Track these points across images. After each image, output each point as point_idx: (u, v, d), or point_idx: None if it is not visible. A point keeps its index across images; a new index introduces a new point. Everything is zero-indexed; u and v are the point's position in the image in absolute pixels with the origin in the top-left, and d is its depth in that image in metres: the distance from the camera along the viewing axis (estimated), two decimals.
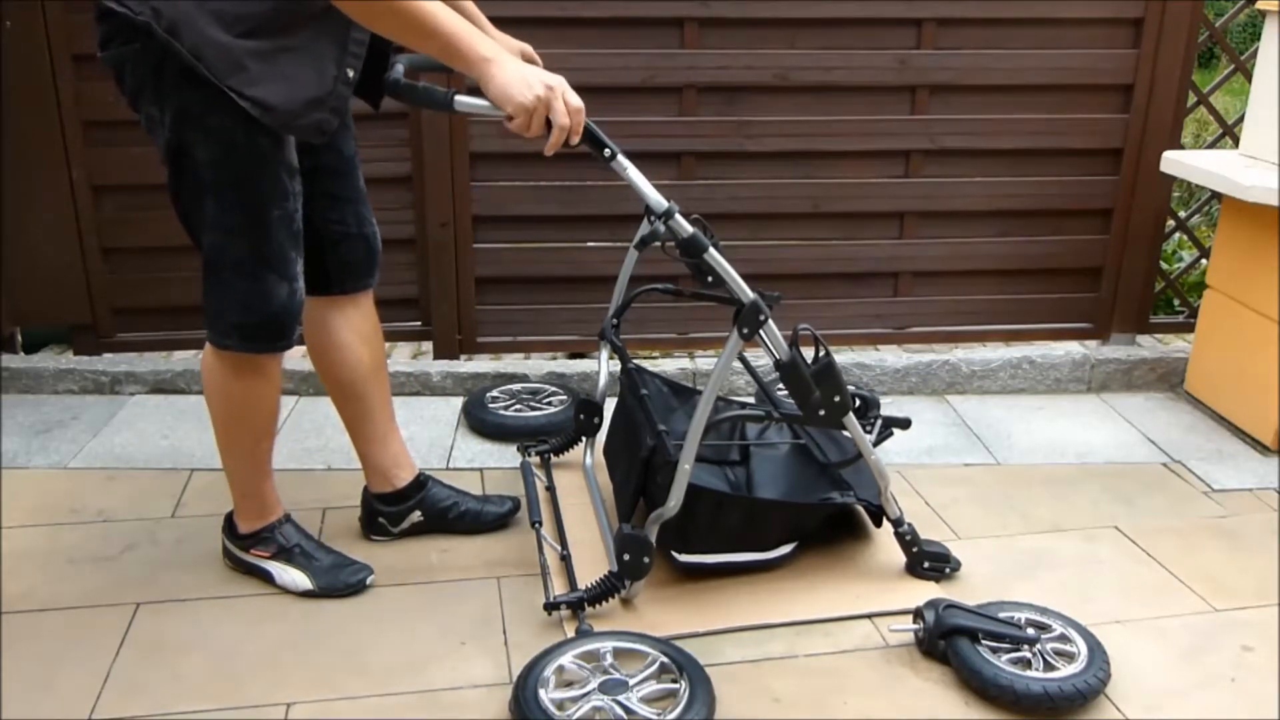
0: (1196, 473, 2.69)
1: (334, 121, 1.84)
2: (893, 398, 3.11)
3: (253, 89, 1.72)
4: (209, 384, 2.00)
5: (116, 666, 1.90)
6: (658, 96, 3.05)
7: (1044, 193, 3.24)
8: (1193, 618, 2.11)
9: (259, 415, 2.02)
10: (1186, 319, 3.40)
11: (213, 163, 1.79)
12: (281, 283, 1.88)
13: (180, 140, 1.78)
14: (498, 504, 2.36)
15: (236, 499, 2.13)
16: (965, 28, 3.07)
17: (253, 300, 1.87)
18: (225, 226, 1.83)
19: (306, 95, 1.78)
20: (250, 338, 1.91)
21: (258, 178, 1.81)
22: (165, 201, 2.96)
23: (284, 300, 1.89)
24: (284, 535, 2.13)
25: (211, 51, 1.69)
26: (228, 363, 1.95)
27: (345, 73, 1.82)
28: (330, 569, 2.11)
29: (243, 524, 2.13)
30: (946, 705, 1.85)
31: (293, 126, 1.79)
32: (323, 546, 2.16)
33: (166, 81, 1.74)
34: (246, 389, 1.98)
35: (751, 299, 1.90)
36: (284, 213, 1.85)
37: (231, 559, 2.17)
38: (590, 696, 1.75)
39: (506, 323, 3.21)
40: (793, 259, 3.22)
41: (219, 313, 1.90)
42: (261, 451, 2.08)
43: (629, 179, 1.90)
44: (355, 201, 2.07)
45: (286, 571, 2.10)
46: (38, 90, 2.88)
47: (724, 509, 2.12)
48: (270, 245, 1.85)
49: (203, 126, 1.76)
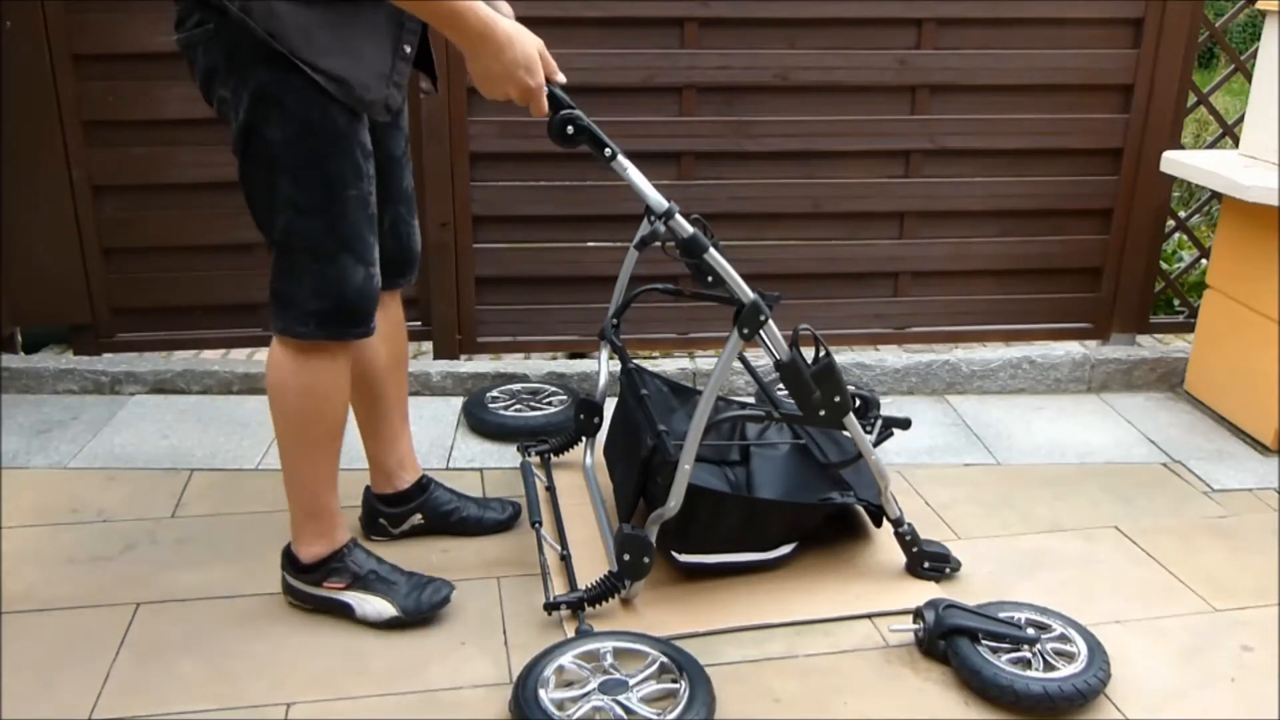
0: (1196, 473, 2.69)
1: (398, 98, 1.83)
2: (893, 398, 3.11)
3: (326, 61, 1.69)
4: (276, 381, 1.88)
5: (116, 666, 1.90)
6: (658, 96, 3.05)
7: (1044, 193, 3.24)
8: (1193, 618, 2.11)
9: (331, 411, 1.91)
10: (1186, 319, 3.40)
11: (287, 141, 1.73)
12: (358, 266, 1.82)
13: (253, 120, 1.73)
14: (498, 510, 2.35)
15: (300, 521, 1.98)
16: (965, 28, 3.07)
17: (327, 285, 1.80)
18: (299, 207, 1.77)
19: (374, 69, 1.76)
20: (326, 323, 1.82)
21: (334, 156, 1.76)
22: (165, 202, 3.05)
23: (360, 284, 1.83)
24: (356, 562, 1.99)
25: (284, 25, 1.66)
26: (299, 352, 1.85)
27: (403, 48, 1.81)
28: (411, 591, 1.99)
29: (305, 552, 1.99)
30: (946, 705, 1.85)
31: (364, 101, 1.76)
32: (394, 567, 2.03)
33: (240, 61, 1.70)
34: (317, 380, 1.87)
35: (752, 299, 1.90)
36: (360, 193, 1.80)
37: (298, 596, 2.02)
38: (590, 696, 1.75)
39: (506, 323, 3.21)
40: (793, 259, 3.22)
41: (290, 298, 1.82)
42: (332, 458, 1.95)
43: (629, 179, 1.90)
44: (395, 201, 2.02)
45: (367, 601, 1.98)
46: (38, 90, 2.88)
47: (724, 509, 2.12)
48: (346, 226, 1.79)
49: (278, 105, 1.71)
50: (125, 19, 2.85)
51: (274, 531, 2.30)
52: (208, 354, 3.22)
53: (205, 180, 2.95)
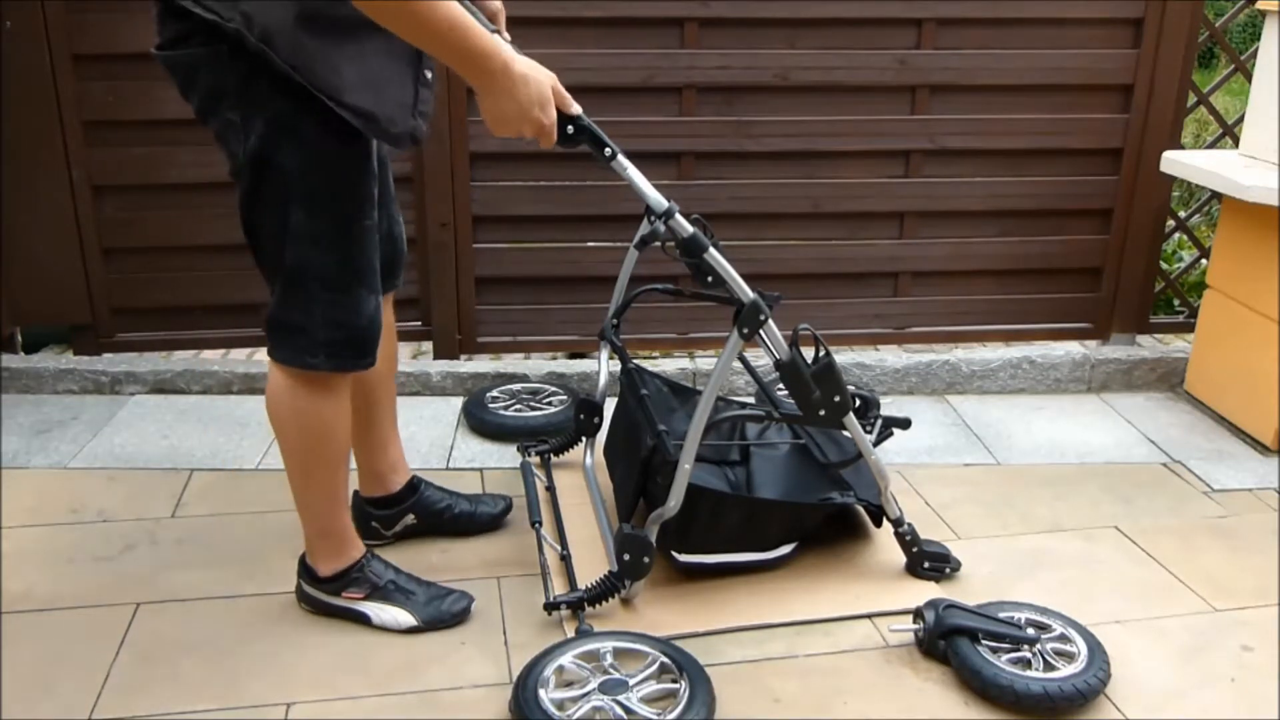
0: (1196, 473, 2.69)
1: (424, 128, 1.79)
2: (893, 398, 3.11)
3: (351, 96, 1.66)
4: (281, 414, 1.87)
5: (116, 666, 1.90)
6: (658, 96, 3.05)
7: (1044, 193, 3.24)
8: (1193, 618, 2.11)
9: (336, 440, 1.91)
10: (1186, 319, 3.40)
11: (302, 172, 1.70)
12: (370, 295, 1.81)
13: (266, 148, 1.69)
14: (490, 504, 2.35)
15: (313, 539, 1.99)
16: (965, 28, 3.08)
17: (342, 315, 1.78)
18: (314, 238, 1.73)
19: (396, 100, 1.73)
20: (336, 354, 1.81)
21: (349, 187, 1.74)
22: (165, 202, 3.05)
23: (371, 313, 1.82)
24: (375, 573, 2.00)
25: (309, 59, 1.62)
26: (301, 384, 1.83)
27: (424, 74, 1.77)
28: (429, 601, 2.01)
29: (323, 565, 1.99)
30: (946, 705, 1.85)
31: (391, 134, 1.73)
32: (412, 578, 2.04)
33: (256, 90, 1.65)
34: (319, 412, 1.85)
35: (751, 299, 1.90)
36: (372, 223, 1.79)
37: (315, 605, 2.03)
38: (590, 696, 1.75)
39: (506, 323, 3.21)
40: (793, 259, 3.22)
41: (301, 329, 1.78)
42: (340, 481, 1.95)
43: (629, 179, 1.90)
44: (387, 203, 2.01)
45: (385, 610, 1.99)
46: (38, 90, 2.88)
47: (724, 509, 2.12)
48: (361, 256, 1.78)
49: (296, 136, 1.67)
50: (125, 19, 2.85)
51: (274, 531, 2.30)
52: (208, 354, 3.22)
53: (205, 180, 2.94)
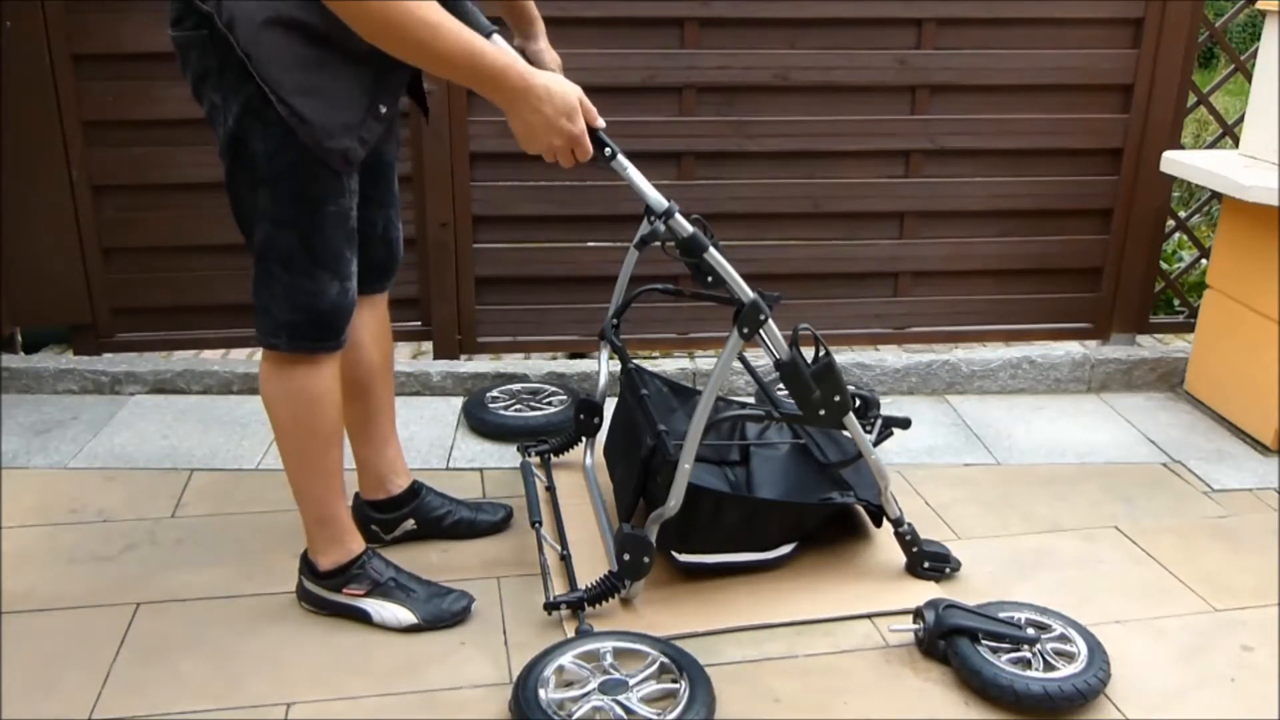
0: (1196, 473, 2.69)
1: (360, 153, 1.80)
2: (893, 398, 3.11)
3: (294, 98, 1.69)
4: (266, 392, 1.91)
5: (116, 666, 1.90)
6: (658, 96, 3.05)
7: (1044, 193, 3.24)
8: (1193, 618, 2.11)
9: (322, 418, 1.91)
10: (1186, 319, 3.40)
11: (269, 155, 1.74)
12: (333, 280, 1.83)
13: (240, 130, 1.74)
14: (491, 512, 2.35)
15: (312, 529, 2.00)
16: (965, 28, 3.08)
17: (301, 297, 1.81)
18: (276, 219, 1.78)
19: (341, 119, 1.75)
20: (298, 335, 1.84)
21: (313, 171, 1.76)
22: (165, 201, 3.05)
23: (334, 298, 1.83)
24: (376, 570, 2.01)
25: (262, 52, 1.67)
26: (280, 364, 1.87)
27: (378, 107, 1.79)
28: (429, 599, 2.02)
29: (324, 559, 2.00)
30: (946, 705, 1.85)
31: (322, 146, 1.75)
32: (413, 576, 2.05)
33: (230, 72, 1.70)
34: (303, 389, 1.88)
35: (751, 299, 1.90)
36: (339, 209, 1.80)
37: (316, 602, 2.04)
38: (590, 696, 1.75)
39: (506, 323, 3.21)
40: (793, 259, 3.22)
41: (265, 309, 1.84)
42: (332, 463, 1.96)
43: (629, 179, 1.90)
44: (387, 205, 2.04)
45: (385, 608, 2.00)
46: (38, 90, 2.88)
47: (724, 509, 2.12)
48: (322, 240, 1.80)
49: (262, 119, 1.71)
50: (125, 19, 2.85)
51: (274, 531, 2.30)
52: (208, 354, 3.23)
53: (205, 180, 2.94)
